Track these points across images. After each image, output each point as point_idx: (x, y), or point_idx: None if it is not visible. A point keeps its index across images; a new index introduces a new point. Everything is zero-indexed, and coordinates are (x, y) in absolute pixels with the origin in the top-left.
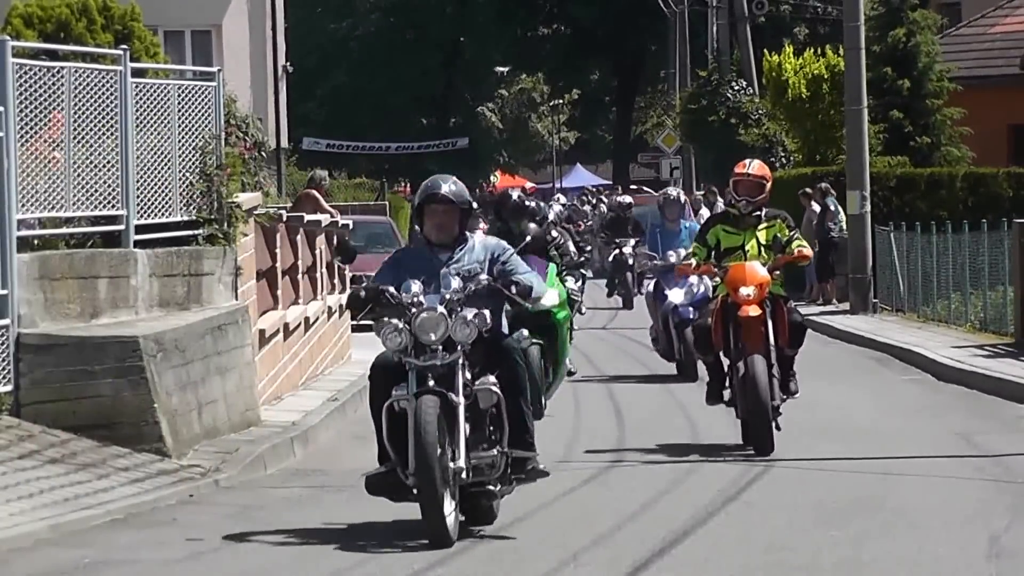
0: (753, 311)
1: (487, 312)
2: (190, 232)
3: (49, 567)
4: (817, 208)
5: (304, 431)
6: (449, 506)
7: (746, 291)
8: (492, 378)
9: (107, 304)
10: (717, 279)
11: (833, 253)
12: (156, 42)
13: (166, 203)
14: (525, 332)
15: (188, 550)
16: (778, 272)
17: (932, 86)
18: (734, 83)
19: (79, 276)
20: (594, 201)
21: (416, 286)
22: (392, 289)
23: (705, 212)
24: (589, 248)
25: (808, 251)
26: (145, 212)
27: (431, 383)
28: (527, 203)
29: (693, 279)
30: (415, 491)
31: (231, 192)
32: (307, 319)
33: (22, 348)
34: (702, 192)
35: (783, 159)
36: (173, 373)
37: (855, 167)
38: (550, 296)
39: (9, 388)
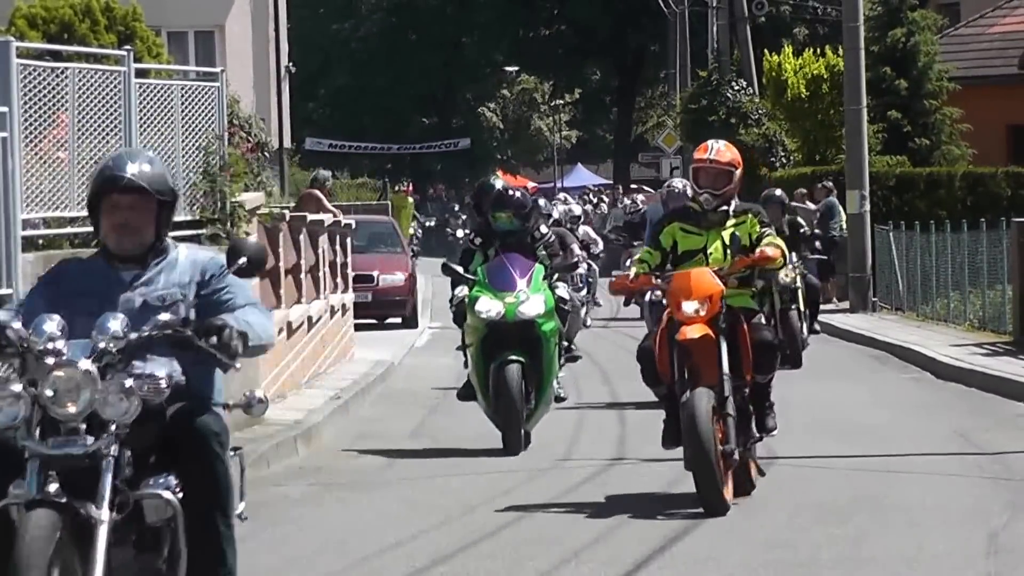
0: (695, 331)
1: (178, 369)
2: (193, 232)
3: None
4: (813, 207)
5: (307, 429)
6: None
7: (690, 306)
8: (172, 479)
9: None
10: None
11: (833, 252)
12: (159, 43)
13: None
14: (221, 412)
15: None
16: (735, 279)
17: (931, 86)
18: (734, 83)
19: None
20: (595, 201)
21: (53, 324)
22: (16, 325)
23: None
24: (601, 251)
25: (773, 251)
26: None
27: (55, 487)
28: (511, 193)
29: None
30: None
31: (234, 192)
32: (310, 318)
33: None
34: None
35: (783, 159)
36: None
37: (854, 167)
38: (534, 304)
39: None
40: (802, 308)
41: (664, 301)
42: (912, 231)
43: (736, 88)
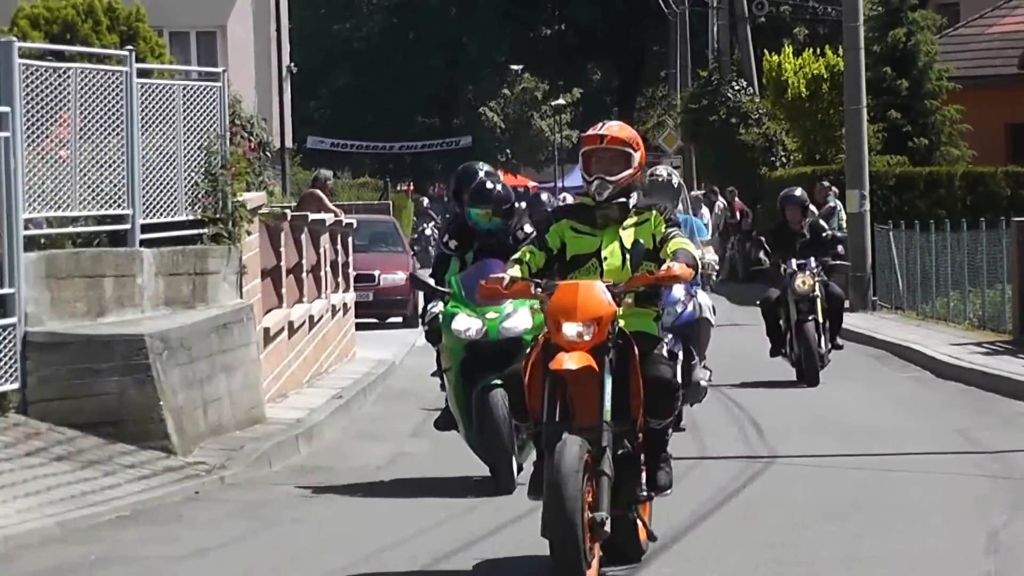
0: (575, 361)
1: None
2: (195, 231)
3: (56, 563)
4: (814, 208)
5: (309, 428)
6: None
7: (572, 328)
8: None
9: (113, 303)
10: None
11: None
12: (161, 43)
13: (171, 202)
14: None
15: (194, 547)
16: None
17: (931, 86)
18: (734, 83)
19: (85, 275)
20: None
21: None
22: None
23: (705, 212)
24: None
25: (681, 268)
26: (151, 211)
27: None
28: (491, 186)
29: (679, 292)
30: None
31: (236, 191)
32: (311, 317)
33: (29, 346)
34: (702, 191)
35: (783, 158)
36: (179, 371)
37: (854, 166)
38: (520, 318)
39: (16, 386)
40: (821, 320)
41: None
42: (912, 230)
43: (736, 88)
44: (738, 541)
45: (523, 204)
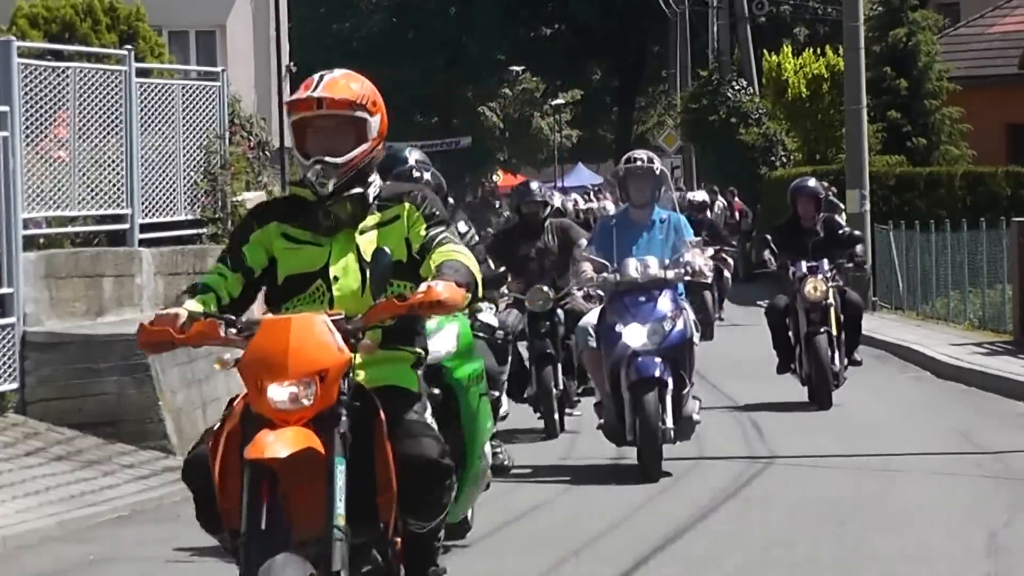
0: (284, 444)
1: None
2: (195, 231)
3: (55, 563)
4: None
5: None
6: None
7: (281, 392)
8: None
9: (112, 302)
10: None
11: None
12: (161, 42)
13: (171, 202)
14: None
15: (193, 547)
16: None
17: (931, 86)
18: (734, 83)
19: (84, 275)
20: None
21: None
22: None
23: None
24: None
25: (448, 290)
26: (150, 211)
27: None
28: (417, 175)
29: (665, 305)
30: None
31: (235, 191)
32: None
33: (28, 346)
34: (703, 191)
35: (783, 158)
36: (178, 371)
37: (854, 166)
38: (442, 340)
39: (15, 386)
40: (834, 332)
41: (617, 326)
42: (912, 231)
43: (736, 88)
44: (738, 541)
45: (558, 200)
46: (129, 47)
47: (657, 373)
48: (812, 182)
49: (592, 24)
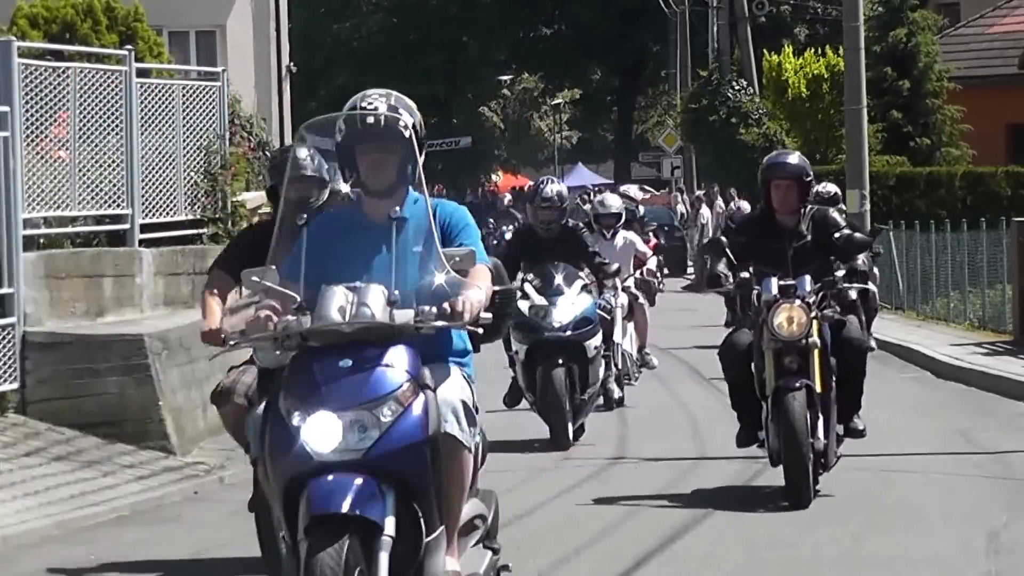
0: None
1: None
2: (195, 231)
3: (55, 564)
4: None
5: None
6: None
7: None
8: None
9: (112, 302)
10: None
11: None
12: (160, 42)
13: (171, 202)
14: None
15: (193, 547)
16: None
17: (931, 86)
18: (735, 83)
19: (84, 275)
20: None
21: None
22: None
23: (705, 211)
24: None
25: None
26: (150, 211)
27: None
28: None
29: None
30: None
31: (235, 191)
32: None
33: (28, 346)
34: (703, 191)
35: None
36: (178, 371)
37: (855, 166)
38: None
39: (15, 386)
40: (817, 387)
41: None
42: (912, 230)
43: (736, 88)
44: (737, 541)
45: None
46: (129, 47)
47: (357, 512)
48: (794, 158)
49: (592, 24)
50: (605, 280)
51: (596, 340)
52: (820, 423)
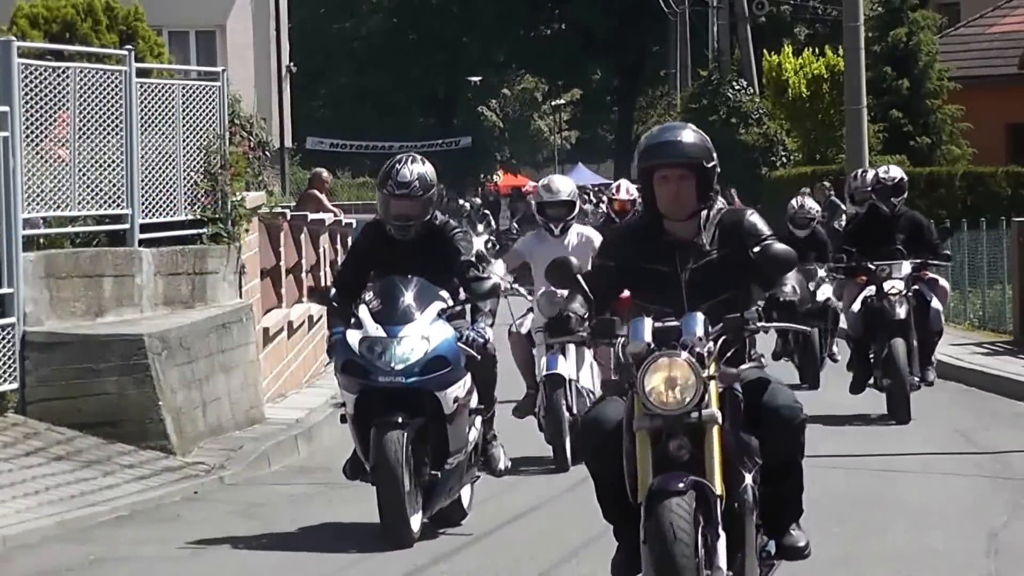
0: None
1: None
2: (195, 231)
3: (55, 563)
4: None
5: (308, 428)
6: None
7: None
8: None
9: (112, 302)
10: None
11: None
12: (161, 42)
13: (171, 202)
14: None
15: (193, 547)
16: None
17: (931, 85)
18: (735, 83)
19: (84, 275)
20: (595, 201)
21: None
22: None
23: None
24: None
25: None
26: (150, 211)
27: None
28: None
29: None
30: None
31: (235, 191)
32: (311, 317)
33: (28, 346)
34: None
35: (783, 158)
36: (178, 371)
37: (855, 166)
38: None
39: (15, 386)
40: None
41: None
42: None
43: (736, 88)
44: None
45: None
46: (129, 47)
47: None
48: (688, 134)
49: (592, 24)
50: (481, 302)
51: (457, 389)
52: (721, 545)
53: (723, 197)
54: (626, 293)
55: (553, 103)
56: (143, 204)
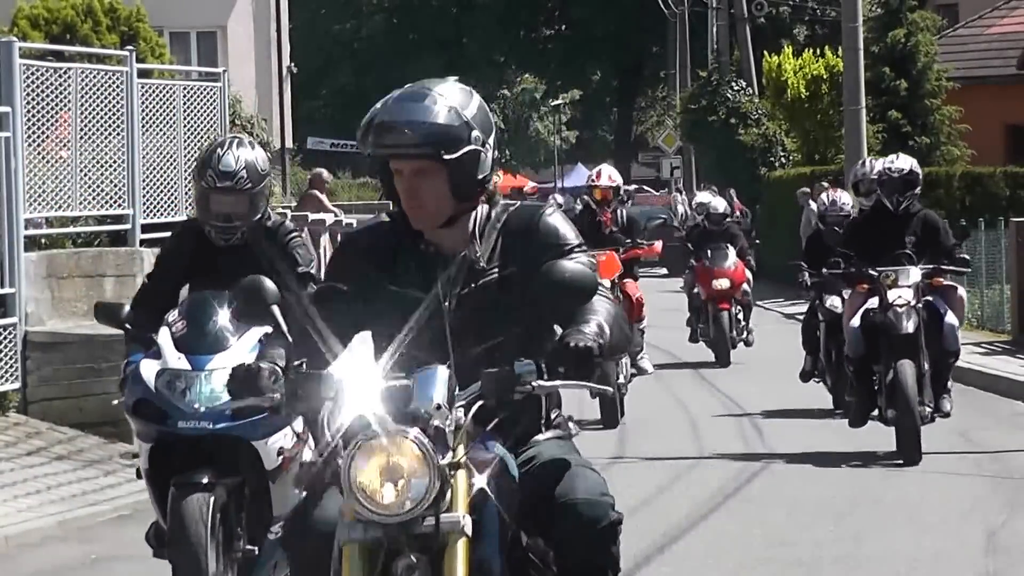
0: None
1: None
2: None
3: (56, 563)
4: (816, 207)
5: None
6: None
7: None
8: None
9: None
10: None
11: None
12: (162, 43)
13: (172, 202)
14: None
15: None
16: None
17: (930, 86)
18: (734, 83)
19: (86, 275)
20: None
21: None
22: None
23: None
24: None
25: None
26: (151, 211)
27: None
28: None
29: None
30: None
31: None
32: None
33: (29, 346)
34: (702, 191)
35: (783, 159)
36: None
37: (853, 166)
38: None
39: (16, 386)
40: None
41: None
42: None
43: (736, 88)
44: (737, 540)
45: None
46: (130, 48)
47: None
48: (424, 109)
49: (592, 24)
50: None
51: (281, 438)
52: None
53: (723, 197)
54: None
55: (552, 103)
56: (144, 204)
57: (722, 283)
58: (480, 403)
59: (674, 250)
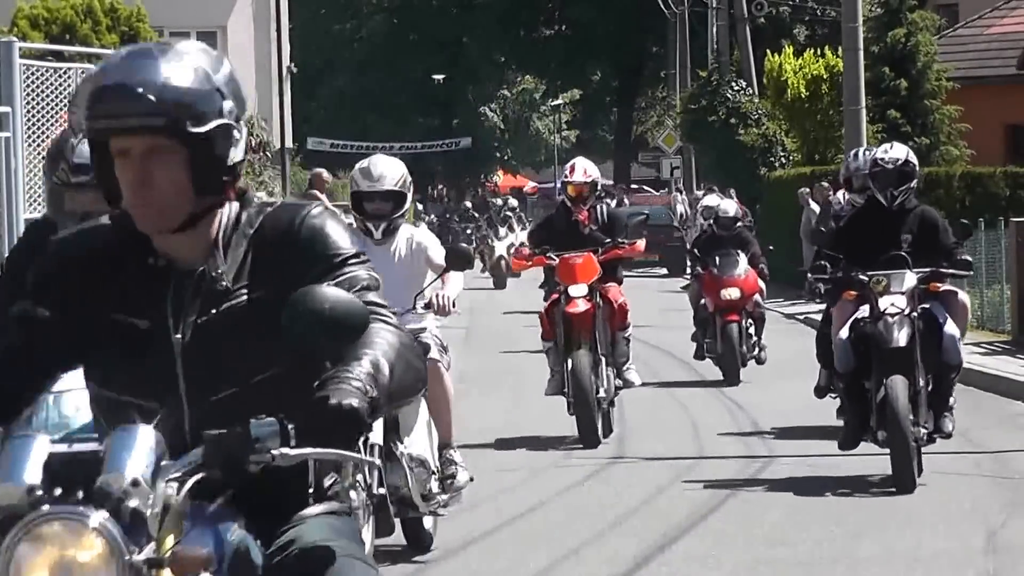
0: None
1: None
2: None
3: None
4: (816, 207)
5: None
6: None
7: None
8: None
9: None
10: None
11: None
12: None
13: None
14: None
15: None
16: None
17: (930, 86)
18: (734, 83)
19: None
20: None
21: None
22: None
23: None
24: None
25: None
26: None
27: None
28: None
29: None
30: None
31: None
32: None
33: None
34: (702, 192)
35: (782, 159)
36: None
37: (845, 159)
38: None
39: None
40: None
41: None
42: None
43: (736, 88)
44: (737, 540)
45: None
46: None
47: None
48: (169, 66)
49: (592, 24)
50: None
51: None
52: None
53: (722, 197)
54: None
55: (552, 103)
56: None
57: (731, 293)
58: (201, 475)
59: (674, 250)
